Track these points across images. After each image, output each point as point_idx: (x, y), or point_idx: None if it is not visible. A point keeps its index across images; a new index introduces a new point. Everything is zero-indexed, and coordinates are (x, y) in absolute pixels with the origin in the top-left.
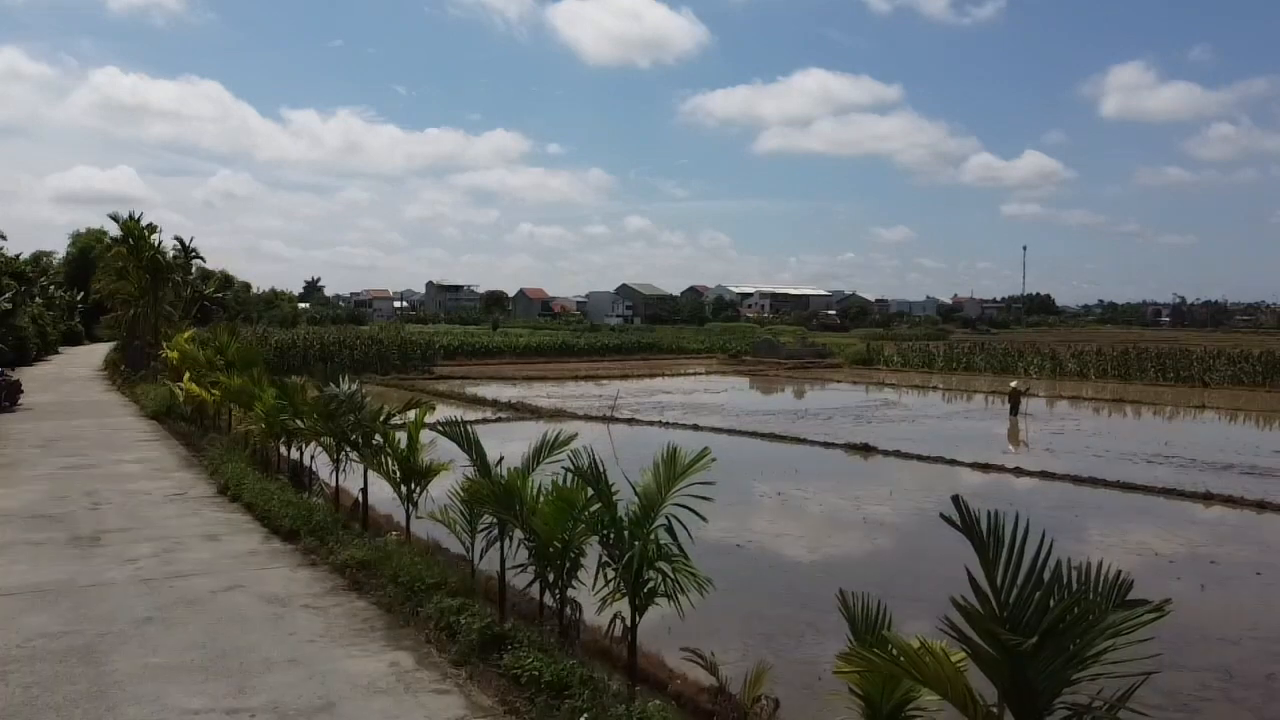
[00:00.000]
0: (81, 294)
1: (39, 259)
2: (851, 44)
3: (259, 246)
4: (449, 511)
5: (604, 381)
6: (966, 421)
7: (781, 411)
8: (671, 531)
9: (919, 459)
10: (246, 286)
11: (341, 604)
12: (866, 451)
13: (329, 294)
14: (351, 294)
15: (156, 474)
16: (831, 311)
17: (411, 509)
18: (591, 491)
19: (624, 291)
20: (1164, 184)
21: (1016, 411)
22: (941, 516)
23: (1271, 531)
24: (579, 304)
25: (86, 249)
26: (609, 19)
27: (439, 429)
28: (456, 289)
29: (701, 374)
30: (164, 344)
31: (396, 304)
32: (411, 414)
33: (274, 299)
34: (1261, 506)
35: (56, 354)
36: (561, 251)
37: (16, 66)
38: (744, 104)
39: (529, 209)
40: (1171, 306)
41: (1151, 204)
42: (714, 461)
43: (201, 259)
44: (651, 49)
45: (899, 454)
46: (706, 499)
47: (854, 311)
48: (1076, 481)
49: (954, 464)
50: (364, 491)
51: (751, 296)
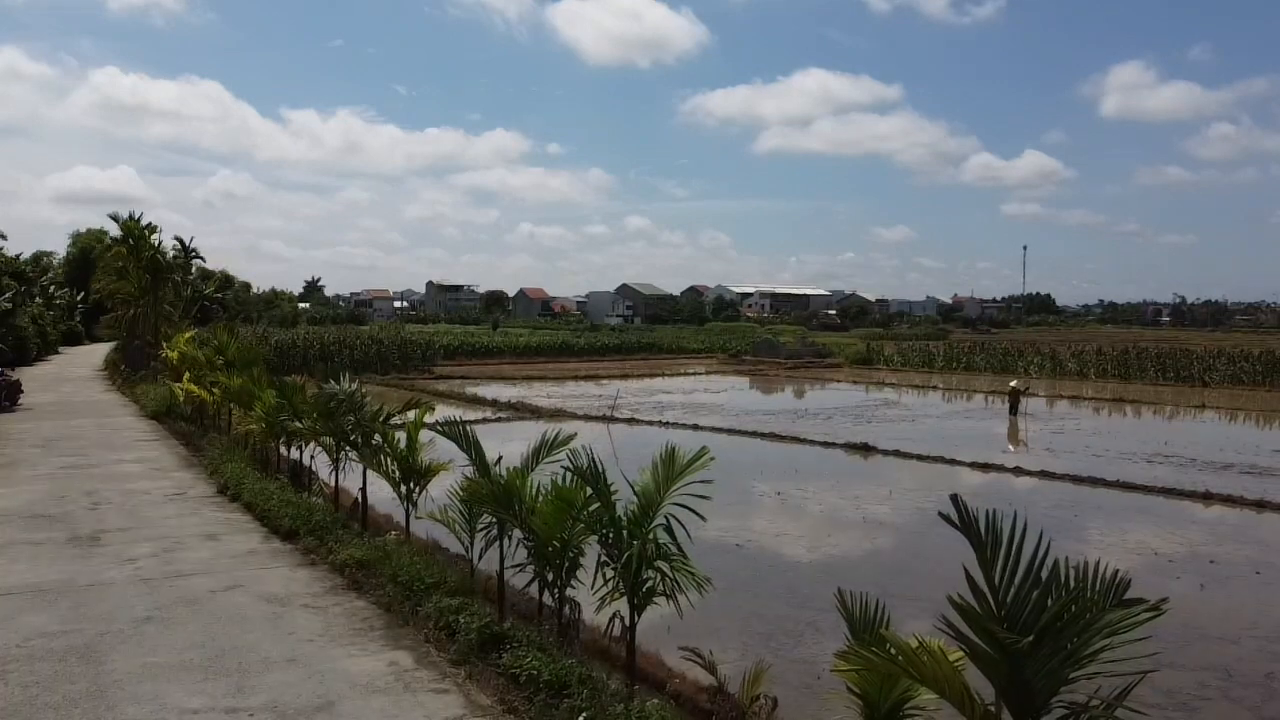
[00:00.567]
0: (82, 294)
1: (39, 259)
2: (851, 44)
3: (259, 246)
4: (448, 511)
5: (604, 381)
6: (966, 421)
7: (781, 411)
8: (670, 531)
9: (919, 459)
10: (246, 286)
11: (341, 603)
12: (866, 451)
13: (329, 294)
14: (351, 294)
15: (156, 474)
16: (831, 311)
17: (411, 508)
18: (590, 491)
19: (624, 291)
20: (1164, 184)
21: (1016, 411)
22: (940, 515)
23: (1271, 531)
24: (579, 304)
25: (87, 249)
26: (609, 19)
27: (438, 429)
28: (456, 289)
29: (701, 374)
30: (164, 344)
31: (397, 304)
32: (411, 414)
33: (274, 299)
34: (1261, 506)
35: (57, 354)
36: (561, 251)
37: (16, 66)
38: (744, 104)
39: (529, 209)
40: (1172, 306)
41: (1151, 204)
42: (713, 460)
43: (201, 259)
44: (651, 49)
45: (899, 454)
46: (705, 498)
47: (854, 311)
48: (1076, 481)
49: (954, 464)
50: (363, 491)
51: (751, 296)
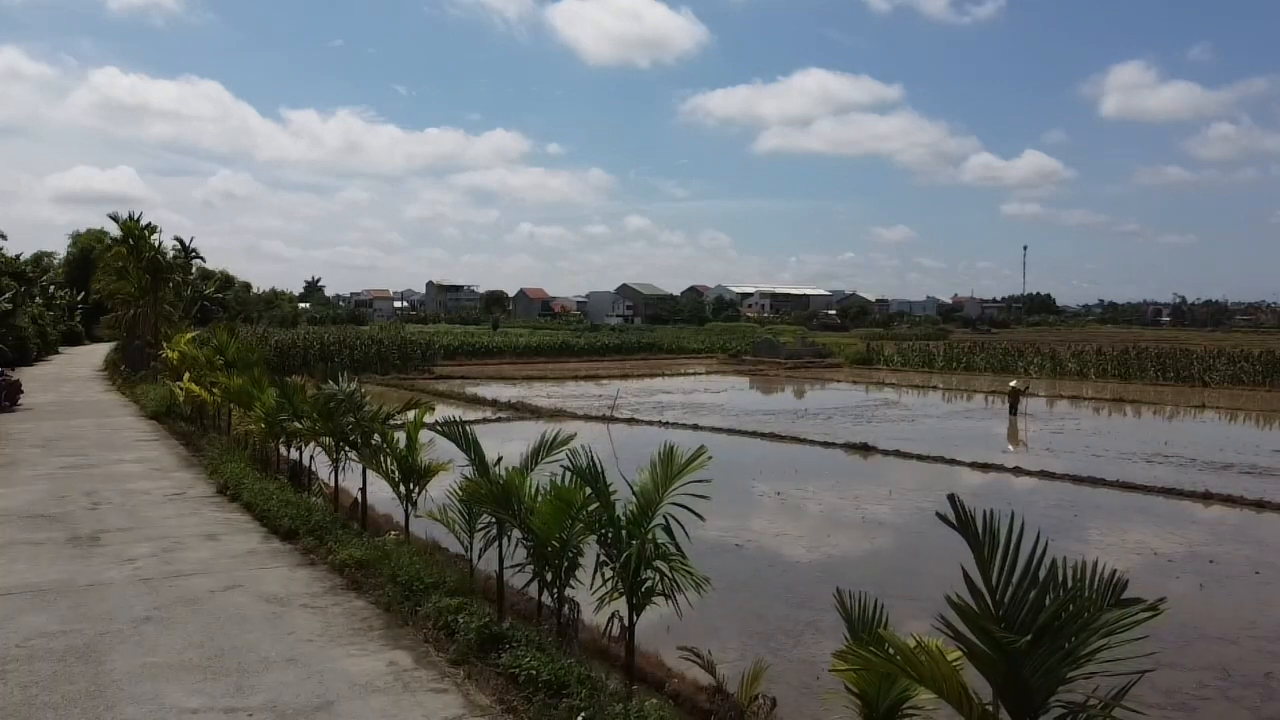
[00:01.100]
0: (82, 294)
1: (39, 259)
2: (851, 44)
3: (259, 246)
4: (448, 511)
5: (604, 381)
6: (966, 421)
7: (781, 411)
8: (669, 531)
9: (918, 458)
10: (246, 286)
11: (340, 603)
12: (866, 451)
13: (329, 294)
14: (352, 294)
15: (156, 474)
16: (831, 311)
17: (410, 508)
18: (589, 491)
19: (624, 291)
20: (1164, 184)
21: (1016, 411)
22: (938, 515)
23: (1270, 531)
24: (579, 304)
25: (87, 249)
26: (609, 19)
27: (438, 429)
28: (457, 289)
29: (701, 374)
30: (164, 344)
31: (397, 304)
32: (410, 414)
33: (274, 299)
34: (1260, 506)
35: (57, 354)
36: (561, 251)
37: (16, 66)
38: (744, 104)
39: (529, 209)
40: (1172, 306)
41: (1151, 204)
42: (711, 460)
43: (201, 259)
44: (651, 49)
45: (899, 454)
46: (704, 497)
47: (854, 311)
48: (1076, 481)
49: (954, 463)
50: (363, 491)
51: (751, 296)
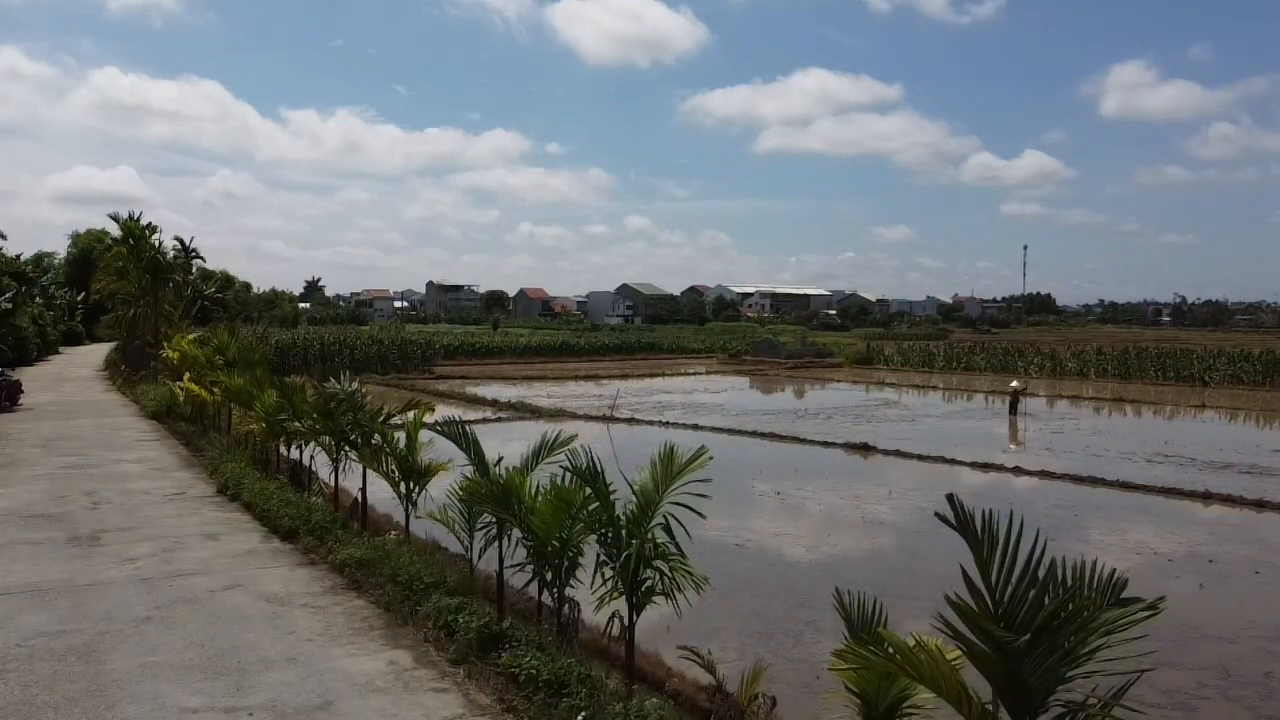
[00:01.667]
0: (82, 294)
1: (40, 259)
2: (851, 44)
3: (259, 246)
4: (448, 511)
5: (604, 381)
6: (966, 421)
7: (781, 411)
8: (669, 530)
9: (919, 458)
10: (247, 286)
11: (340, 603)
12: (866, 451)
13: (329, 294)
14: (352, 294)
15: (156, 474)
16: (832, 311)
17: (410, 508)
18: (589, 490)
19: (624, 291)
20: (1164, 184)
21: (1016, 411)
22: (937, 515)
23: (1270, 530)
24: (579, 304)
25: (87, 249)
26: (608, 19)
27: (438, 428)
28: (457, 289)
29: (701, 374)
30: (164, 344)
31: (397, 304)
32: (410, 414)
33: (274, 299)
34: (1261, 505)
35: (57, 354)
36: (561, 251)
37: (16, 66)
38: (744, 104)
39: (529, 209)
40: (1172, 306)
41: (1151, 204)
42: (711, 460)
43: (201, 259)
44: (651, 49)
45: (899, 453)
46: (704, 496)
47: (854, 311)
48: (1076, 481)
49: (954, 463)
50: (363, 491)
51: (752, 296)
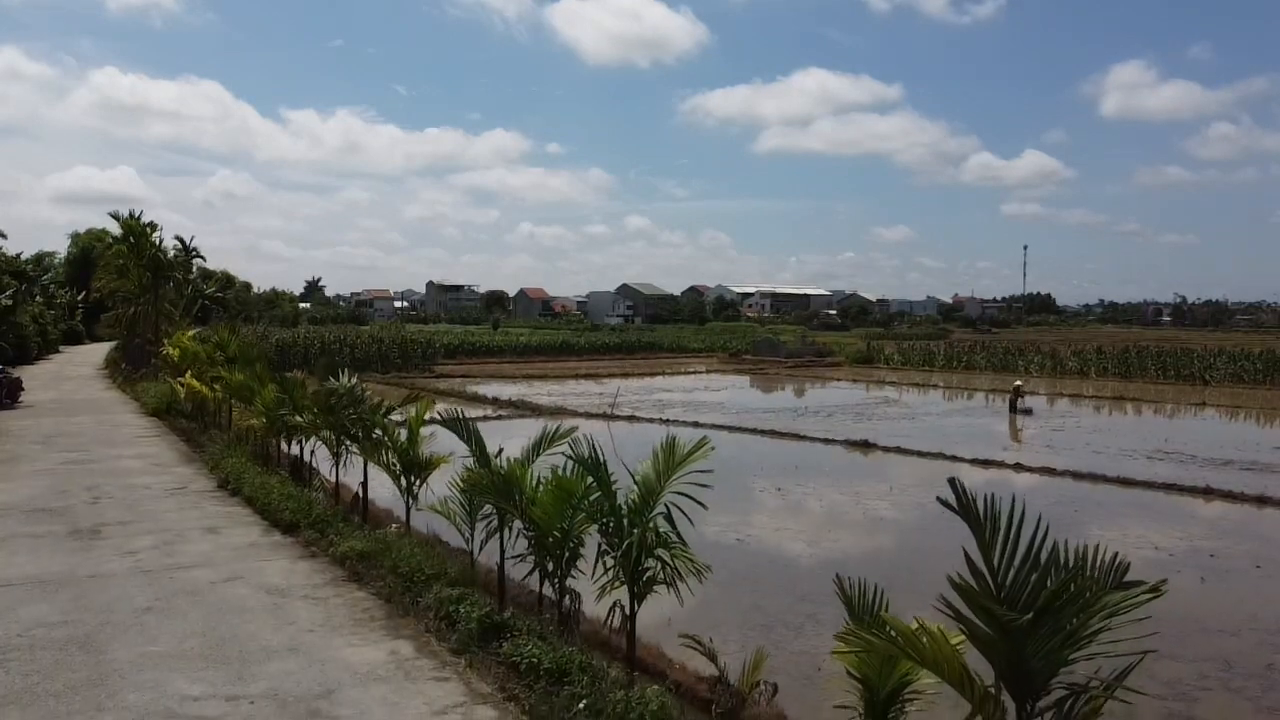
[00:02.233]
0: (83, 294)
1: (40, 259)
2: (851, 44)
3: (259, 246)
4: (449, 504)
5: (604, 380)
6: (967, 419)
7: (782, 409)
8: (671, 520)
9: (919, 455)
10: (247, 286)
11: (341, 595)
12: (866, 448)
13: (329, 294)
14: (352, 294)
15: (157, 469)
16: (832, 311)
17: (411, 502)
18: (590, 481)
19: (625, 291)
20: (1164, 184)
21: (1016, 409)
22: (939, 500)
23: (1271, 526)
24: (579, 304)
25: (87, 249)
26: (608, 19)
27: (439, 421)
28: (457, 289)
29: (701, 372)
30: (165, 341)
31: (397, 304)
32: (412, 409)
33: (274, 299)
34: (1262, 501)
35: (57, 353)
36: (561, 251)
37: (16, 66)
38: (744, 104)
39: (529, 209)
40: (1172, 306)
41: (1151, 204)
42: (713, 450)
43: (202, 258)
44: (651, 49)
45: (899, 450)
46: (705, 486)
47: (854, 311)
48: (1077, 477)
49: (954, 460)
50: (364, 485)
51: (752, 296)
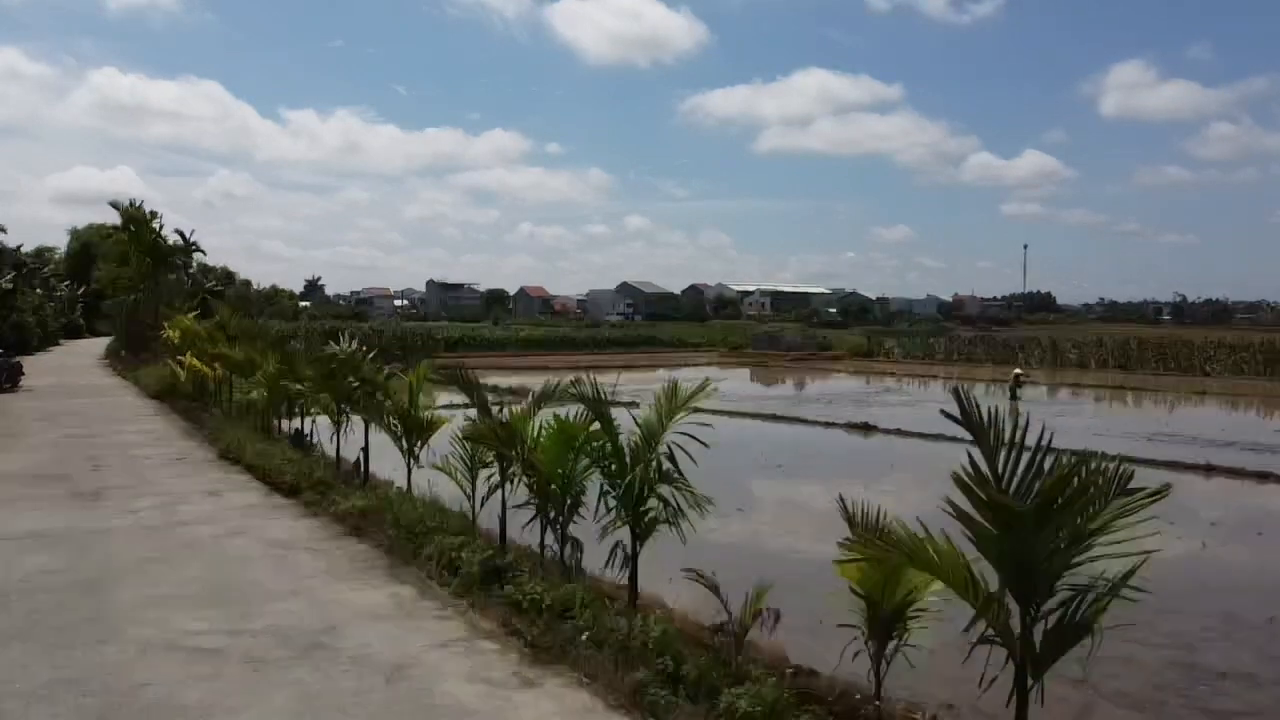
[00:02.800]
0: (83, 288)
1: (41, 253)
2: (851, 44)
3: (259, 246)
4: (449, 460)
5: (605, 373)
6: None
7: (783, 398)
8: (673, 459)
9: (920, 436)
10: (247, 284)
11: (343, 547)
12: (867, 430)
13: (329, 294)
14: (352, 292)
15: (158, 442)
16: (832, 309)
17: (413, 463)
18: (594, 425)
19: (625, 289)
20: (1164, 183)
21: (1016, 396)
22: (942, 412)
23: (1273, 499)
24: (579, 302)
25: (87, 243)
26: (608, 19)
27: (442, 374)
28: (457, 287)
29: (703, 365)
30: (165, 325)
31: (397, 302)
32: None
33: (274, 295)
34: (1263, 477)
35: (58, 345)
36: (561, 251)
37: (16, 66)
38: (744, 104)
39: (529, 209)
40: (1173, 305)
41: (1151, 203)
42: (715, 391)
43: (202, 252)
44: (651, 49)
45: (899, 432)
46: (707, 425)
47: (855, 309)
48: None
49: (955, 440)
50: (365, 450)
51: (752, 294)
